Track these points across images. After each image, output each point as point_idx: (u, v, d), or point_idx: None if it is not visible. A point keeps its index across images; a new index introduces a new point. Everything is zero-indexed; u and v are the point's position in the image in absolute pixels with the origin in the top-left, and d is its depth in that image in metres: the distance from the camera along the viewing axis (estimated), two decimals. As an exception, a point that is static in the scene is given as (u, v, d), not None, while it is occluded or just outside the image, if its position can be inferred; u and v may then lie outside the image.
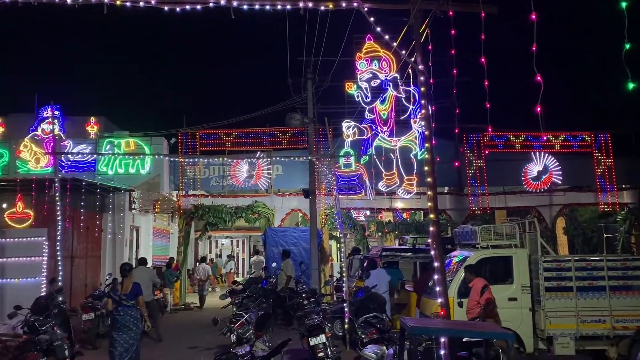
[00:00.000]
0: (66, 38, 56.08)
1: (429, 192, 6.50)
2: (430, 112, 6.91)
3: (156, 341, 11.61)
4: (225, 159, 18.24)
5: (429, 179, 6.52)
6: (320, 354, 8.18)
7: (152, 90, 53.91)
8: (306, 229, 16.38)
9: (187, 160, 18.45)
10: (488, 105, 6.69)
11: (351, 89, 17.84)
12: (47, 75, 46.81)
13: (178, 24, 73.82)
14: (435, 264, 6.36)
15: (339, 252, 21.95)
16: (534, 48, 5.78)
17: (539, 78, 5.83)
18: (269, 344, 8.30)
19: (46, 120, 17.99)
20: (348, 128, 17.34)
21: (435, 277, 6.35)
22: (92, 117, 18.62)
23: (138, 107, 46.15)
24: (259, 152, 18.01)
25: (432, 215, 6.47)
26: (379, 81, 17.23)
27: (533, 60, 5.77)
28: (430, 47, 7.60)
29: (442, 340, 5.92)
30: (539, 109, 6.05)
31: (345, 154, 17.32)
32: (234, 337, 8.66)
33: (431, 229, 6.42)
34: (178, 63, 59.13)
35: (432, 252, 6.43)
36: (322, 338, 8.25)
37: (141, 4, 6.00)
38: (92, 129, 18.41)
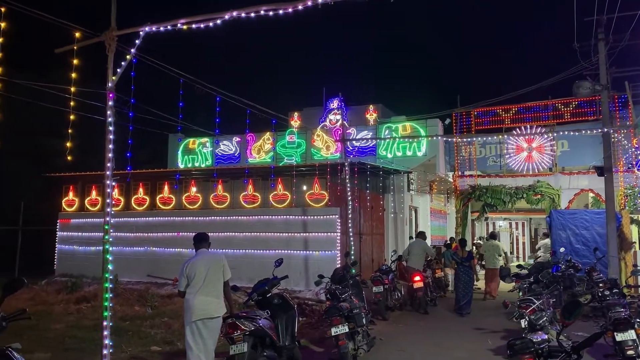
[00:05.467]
0: (347, 36, 61.55)
1: None
2: None
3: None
4: (503, 136, 17.41)
5: None
6: (630, 352, 7.10)
7: (425, 74, 55.21)
8: (600, 212, 14.51)
9: (462, 140, 18.26)
10: None
11: (658, 44, 14.95)
12: (333, 70, 52.27)
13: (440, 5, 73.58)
14: None
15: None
16: None
17: None
18: (564, 334, 7.60)
19: (333, 111, 20.09)
20: (654, 92, 14.67)
21: None
22: (371, 105, 19.95)
23: (412, 91, 47.84)
24: (540, 128, 16.63)
25: None
26: (698, 31, 14.08)
27: None
28: None
29: None
30: None
31: (650, 123, 14.74)
32: (525, 322, 8.21)
33: None
34: (446, 43, 59.03)
35: None
36: (631, 334, 7.16)
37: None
38: (371, 116, 19.74)
